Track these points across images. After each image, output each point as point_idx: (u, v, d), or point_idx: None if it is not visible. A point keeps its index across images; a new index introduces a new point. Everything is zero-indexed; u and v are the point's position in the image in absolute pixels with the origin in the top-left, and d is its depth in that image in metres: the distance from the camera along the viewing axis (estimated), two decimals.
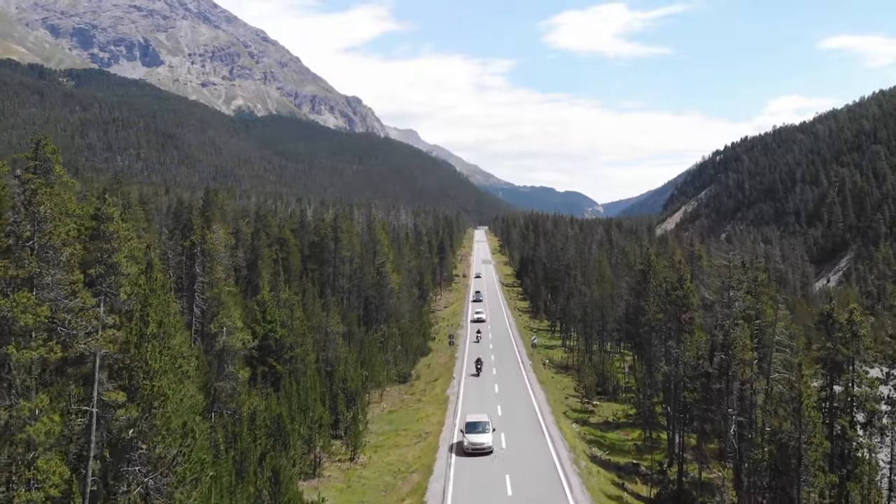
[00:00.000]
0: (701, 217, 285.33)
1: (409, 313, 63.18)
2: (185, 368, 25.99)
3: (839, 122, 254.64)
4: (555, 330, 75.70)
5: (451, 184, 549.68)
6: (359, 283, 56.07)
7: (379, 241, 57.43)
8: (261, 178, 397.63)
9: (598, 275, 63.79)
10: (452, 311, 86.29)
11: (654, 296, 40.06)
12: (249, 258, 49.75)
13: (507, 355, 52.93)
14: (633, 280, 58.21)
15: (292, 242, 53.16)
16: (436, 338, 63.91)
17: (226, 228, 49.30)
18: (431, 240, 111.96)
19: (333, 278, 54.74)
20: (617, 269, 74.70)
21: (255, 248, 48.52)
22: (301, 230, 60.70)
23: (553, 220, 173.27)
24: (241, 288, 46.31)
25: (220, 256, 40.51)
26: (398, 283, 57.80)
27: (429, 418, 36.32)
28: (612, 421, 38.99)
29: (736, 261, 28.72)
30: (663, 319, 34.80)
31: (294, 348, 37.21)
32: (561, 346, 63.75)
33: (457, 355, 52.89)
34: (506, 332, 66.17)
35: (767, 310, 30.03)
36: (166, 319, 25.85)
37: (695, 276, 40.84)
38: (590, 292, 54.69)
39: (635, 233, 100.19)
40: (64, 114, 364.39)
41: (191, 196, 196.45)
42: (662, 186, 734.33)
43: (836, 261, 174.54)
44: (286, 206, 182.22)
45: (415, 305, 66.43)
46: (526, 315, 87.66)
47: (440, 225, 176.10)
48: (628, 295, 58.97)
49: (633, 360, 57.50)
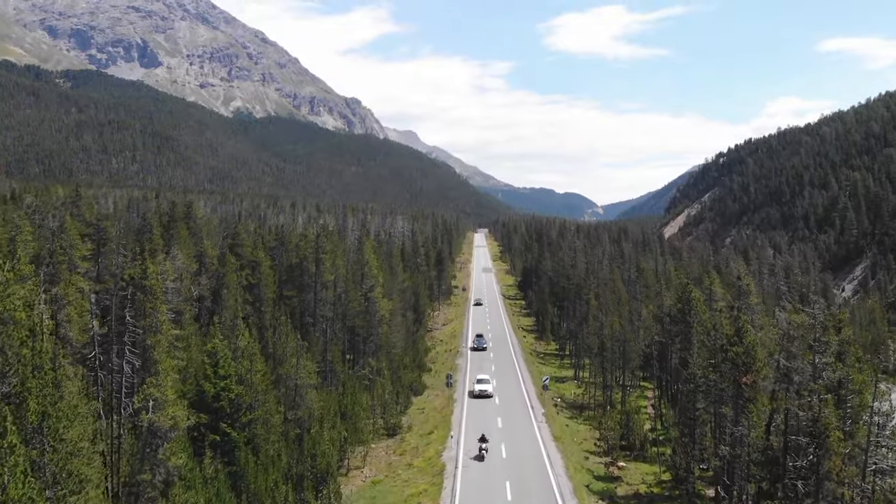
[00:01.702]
0: (705, 221, 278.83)
1: (403, 341, 56.20)
2: (84, 473, 18.93)
3: (846, 124, 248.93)
4: (564, 356, 68.61)
5: (450, 185, 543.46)
6: (344, 312, 49.03)
7: (367, 264, 50.45)
8: (258, 181, 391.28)
9: (614, 297, 56.74)
10: (451, 332, 79.16)
11: (700, 347, 32.92)
12: (215, 286, 42.76)
13: (513, 401, 45.77)
14: (658, 310, 51.26)
15: (266, 265, 46.16)
16: (432, 368, 56.88)
17: (187, 252, 42.21)
18: (429, 251, 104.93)
19: (314, 306, 47.68)
20: (633, 289, 67.74)
21: (220, 275, 41.52)
22: (280, 248, 53.73)
23: (557, 227, 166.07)
24: (201, 326, 39.25)
25: (168, 293, 33.51)
26: (389, 309, 50.84)
27: (419, 498, 29.23)
28: (645, 494, 31.95)
29: (819, 315, 21.68)
30: (715, 380, 27.74)
31: (254, 408, 30.18)
32: (573, 379, 56.63)
33: (455, 398, 45.82)
34: (511, 363, 59.03)
35: (856, 376, 23.01)
36: (59, 405, 18.85)
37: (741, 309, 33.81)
38: (607, 321, 47.69)
39: (647, 244, 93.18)
40: (59, 115, 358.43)
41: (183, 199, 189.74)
42: (663, 188, 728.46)
43: (850, 269, 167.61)
44: (279, 212, 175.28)
45: (408, 332, 59.38)
46: (531, 335, 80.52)
47: (439, 231, 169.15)
48: (652, 324, 52.03)
49: (656, 399, 50.48)
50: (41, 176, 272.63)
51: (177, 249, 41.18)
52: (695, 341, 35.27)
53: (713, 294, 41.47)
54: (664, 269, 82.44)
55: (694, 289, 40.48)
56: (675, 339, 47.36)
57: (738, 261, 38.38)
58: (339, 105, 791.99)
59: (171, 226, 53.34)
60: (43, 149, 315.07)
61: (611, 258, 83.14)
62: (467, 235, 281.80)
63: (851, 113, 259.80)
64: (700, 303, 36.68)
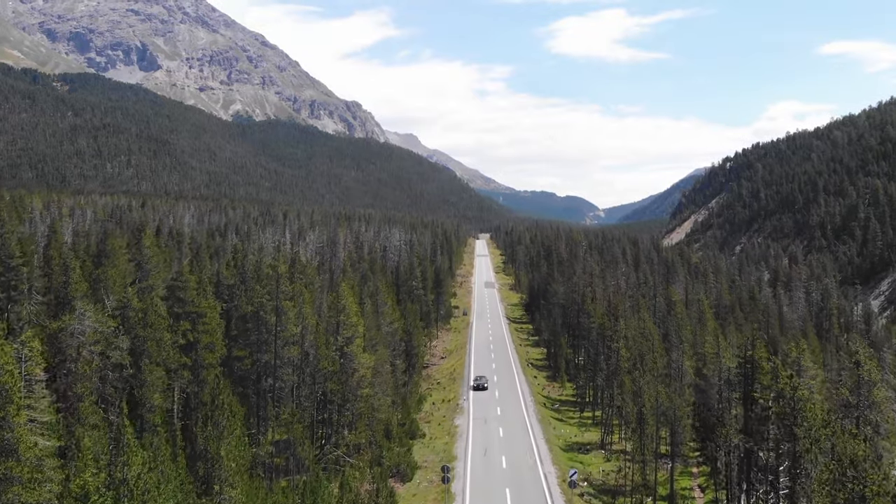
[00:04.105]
0: (713, 228, 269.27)
1: (391, 397, 45.98)
2: None
3: (858, 128, 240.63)
4: (583, 403, 58.24)
5: (451, 189, 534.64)
6: (312, 373, 38.86)
7: (345, 310, 40.34)
8: (255, 185, 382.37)
9: (647, 344, 46.39)
10: (450, 371, 68.83)
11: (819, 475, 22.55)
12: (141, 348, 32.59)
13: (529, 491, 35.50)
14: (699, 362, 40.99)
15: (210, 318, 36.08)
16: (426, 433, 46.60)
17: (98, 314, 32.04)
18: (426, 270, 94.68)
19: (274, 369, 37.50)
20: (664, 325, 57.47)
21: (139, 339, 31.31)
22: (240, 289, 43.60)
23: (564, 237, 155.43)
24: (113, 415, 29.01)
25: (37, 380, 23.38)
26: (370, 366, 40.74)
27: None
28: None
29: None
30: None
31: None
32: (599, 448, 46.25)
33: (454, 491, 35.51)
34: (521, 422, 48.68)
35: None
36: None
37: (860, 406, 23.66)
38: (646, 387, 37.44)
39: (670, 267, 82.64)
40: (54, 119, 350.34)
41: (170, 208, 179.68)
42: (665, 191, 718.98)
43: (875, 283, 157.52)
44: (270, 221, 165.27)
45: (397, 384, 49.10)
46: (542, 374, 70.10)
47: (438, 242, 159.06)
48: (696, 380, 41.77)
49: (705, 479, 40.22)
50: (33, 181, 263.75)
51: (84, 306, 31.07)
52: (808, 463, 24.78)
53: (801, 366, 31.20)
54: (694, 298, 72.15)
55: (778, 364, 30.05)
56: (732, 403, 37.26)
57: (857, 341, 28.89)
58: (340, 109, 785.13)
59: (105, 258, 43.23)
60: (36, 153, 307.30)
61: (634, 286, 72.86)
62: (468, 243, 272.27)
63: (864, 117, 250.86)
64: (787, 385, 26.46)
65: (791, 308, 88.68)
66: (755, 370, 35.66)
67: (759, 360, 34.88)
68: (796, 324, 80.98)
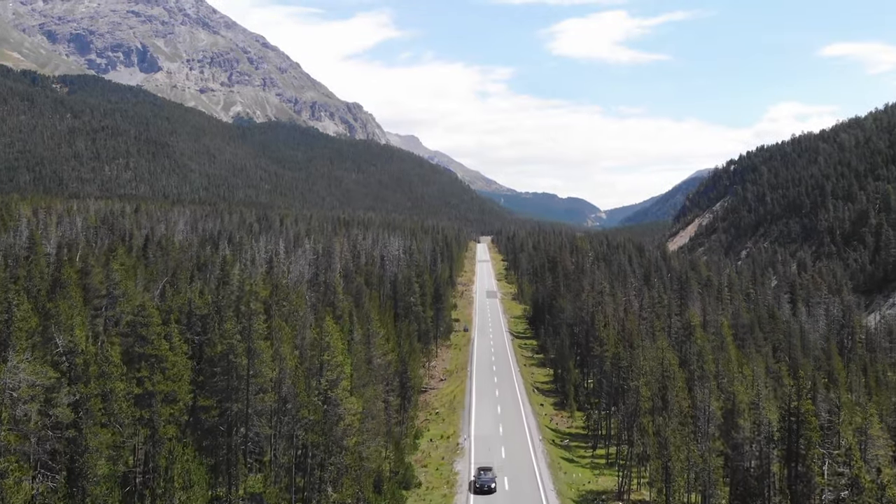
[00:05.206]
0: (717, 232, 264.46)
1: (383, 440, 41.13)
2: None
3: (865, 131, 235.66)
4: (597, 437, 53.26)
5: (452, 191, 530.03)
6: (291, 423, 34.02)
7: (329, 348, 35.56)
8: (255, 188, 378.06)
9: (671, 383, 41.40)
10: (450, 398, 63.86)
11: None
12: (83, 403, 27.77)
13: None
14: (729, 404, 36.07)
15: (172, 363, 31.29)
16: (422, 483, 41.67)
17: (35, 364, 27.15)
18: (425, 283, 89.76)
19: (246, 419, 32.66)
20: (684, 353, 52.52)
21: (81, 398, 26.49)
22: (215, 319, 38.80)
23: (570, 247, 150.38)
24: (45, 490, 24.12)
25: None
26: (359, 410, 35.95)
27: None
28: None
29: None
30: None
31: None
32: (616, 497, 41.25)
33: None
34: (530, 471, 43.65)
35: None
36: None
37: None
38: (672, 435, 32.56)
39: (684, 283, 77.56)
40: (53, 121, 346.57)
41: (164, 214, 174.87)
42: (666, 193, 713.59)
43: (889, 291, 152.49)
44: (267, 227, 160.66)
45: (389, 423, 44.20)
46: (549, 402, 65.09)
47: (439, 249, 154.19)
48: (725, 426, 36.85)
49: None
50: (30, 184, 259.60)
51: (19, 357, 26.30)
52: None
53: (869, 437, 26.37)
54: (712, 319, 67.13)
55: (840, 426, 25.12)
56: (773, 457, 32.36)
57: None
58: (341, 110, 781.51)
59: (60, 289, 38.38)
60: (34, 156, 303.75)
61: (647, 306, 67.89)
62: (469, 247, 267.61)
63: (870, 119, 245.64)
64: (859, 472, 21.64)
65: (811, 324, 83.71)
66: (801, 424, 30.81)
67: (806, 413, 29.99)
68: (819, 343, 76.02)
